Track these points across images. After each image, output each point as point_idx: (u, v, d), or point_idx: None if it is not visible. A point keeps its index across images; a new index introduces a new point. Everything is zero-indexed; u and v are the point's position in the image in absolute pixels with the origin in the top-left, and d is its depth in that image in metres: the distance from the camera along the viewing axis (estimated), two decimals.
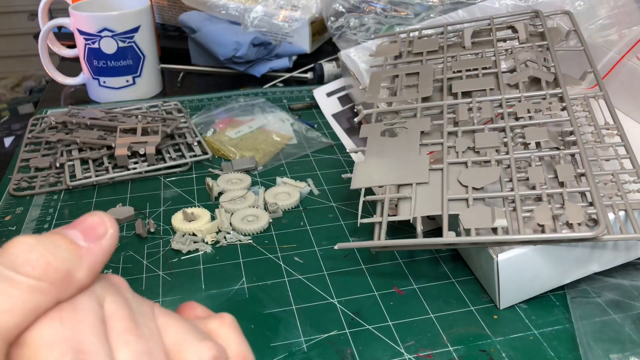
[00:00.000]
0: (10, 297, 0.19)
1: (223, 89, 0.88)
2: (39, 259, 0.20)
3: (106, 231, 0.22)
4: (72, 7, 0.80)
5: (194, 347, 0.22)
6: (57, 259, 0.20)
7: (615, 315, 0.42)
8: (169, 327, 0.23)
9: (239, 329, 0.25)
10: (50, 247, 0.20)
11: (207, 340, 0.23)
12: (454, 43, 0.64)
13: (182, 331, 0.23)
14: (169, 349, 0.22)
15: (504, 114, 0.50)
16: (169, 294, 0.47)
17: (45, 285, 0.19)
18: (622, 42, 0.61)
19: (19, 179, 0.64)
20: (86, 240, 0.21)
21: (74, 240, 0.21)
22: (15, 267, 0.19)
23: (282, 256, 0.51)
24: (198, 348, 0.22)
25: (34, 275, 0.19)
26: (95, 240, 0.22)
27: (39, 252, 0.20)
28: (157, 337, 0.22)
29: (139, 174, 0.64)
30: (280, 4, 0.90)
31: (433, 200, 0.44)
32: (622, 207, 0.42)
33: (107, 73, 0.82)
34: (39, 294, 0.19)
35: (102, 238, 0.22)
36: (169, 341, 0.22)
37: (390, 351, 0.41)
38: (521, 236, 0.39)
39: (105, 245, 0.22)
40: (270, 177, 0.63)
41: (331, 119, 0.76)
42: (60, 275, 0.20)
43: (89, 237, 0.22)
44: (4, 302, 0.19)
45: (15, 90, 2.18)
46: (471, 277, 0.47)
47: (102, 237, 0.22)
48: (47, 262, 0.20)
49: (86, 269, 0.21)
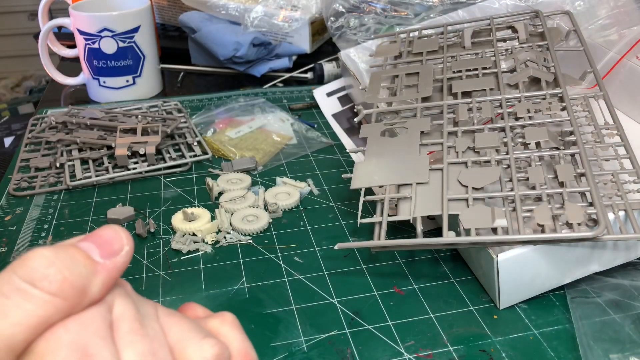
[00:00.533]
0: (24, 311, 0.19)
1: (223, 89, 0.88)
2: (57, 274, 0.20)
3: (122, 247, 0.22)
4: (72, 7, 0.80)
5: (197, 345, 0.22)
6: (74, 275, 0.20)
7: (615, 315, 0.42)
8: (172, 325, 0.23)
9: (240, 327, 0.26)
10: (68, 262, 0.20)
11: (209, 338, 0.23)
12: (454, 43, 0.64)
13: (185, 329, 0.23)
14: (172, 347, 0.22)
15: (504, 114, 0.50)
16: (169, 294, 0.47)
17: (59, 301, 0.20)
18: (622, 42, 0.61)
19: (19, 179, 0.64)
20: (102, 256, 0.21)
21: (91, 254, 0.21)
22: (33, 280, 0.19)
23: (282, 256, 0.51)
24: (201, 345, 0.22)
25: (50, 291, 0.19)
26: (110, 256, 0.22)
27: (57, 267, 0.20)
28: (161, 336, 0.22)
29: (139, 174, 0.64)
30: (280, 4, 0.90)
31: (433, 200, 0.44)
32: (622, 207, 0.42)
33: (107, 73, 0.82)
34: (52, 309, 0.19)
35: (117, 254, 0.22)
36: (172, 339, 0.22)
37: (390, 351, 0.41)
38: (521, 236, 0.39)
39: (120, 262, 0.22)
40: (270, 177, 0.63)
41: (331, 119, 0.76)
42: (75, 292, 0.20)
43: (105, 253, 0.22)
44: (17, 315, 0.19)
45: (15, 90, 2.18)
46: (471, 277, 0.47)
47: (117, 253, 0.22)
48: (64, 278, 0.20)
49: (100, 285, 0.21)
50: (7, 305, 0.19)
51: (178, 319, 0.23)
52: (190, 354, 0.22)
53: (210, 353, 0.22)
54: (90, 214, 0.58)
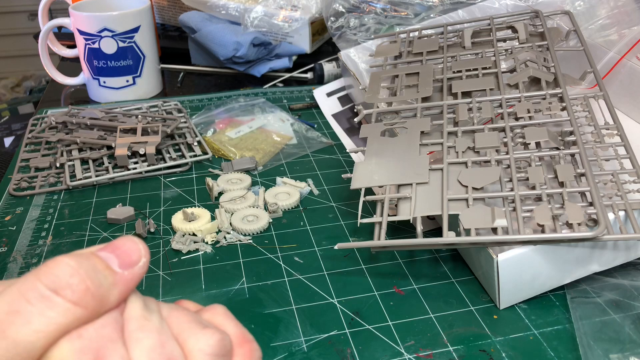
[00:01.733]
0: (46, 319, 0.19)
1: (223, 89, 0.88)
2: (80, 284, 0.20)
3: (140, 259, 0.23)
4: (72, 7, 0.80)
5: (198, 335, 0.23)
6: (95, 285, 0.21)
7: (615, 315, 0.42)
8: (172, 318, 0.24)
9: (232, 316, 0.26)
10: (90, 272, 0.21)
11: (209, 328, 0.24)
12: (454, 43, 0.64)
13: (185, 321, 0.24)
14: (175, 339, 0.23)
15: (504, 114, 0.50)
16: (169, 294, 0.47)
17: (80, 310, 0.20)
18: (622, 42, 0.61)
19: (19, 179, 0.64)
20: (121, 267, 0.22)
21: (110, 265, 0.22)
22: (57, 288, 0.20)
23: (282, 256, 0.51)
24: (203, 334, 0.23)
25: (73, 300, 0.20)
26: (129, 267, 0.22)
27: (80, 276, 0.20)
28: (167, 329, 0.23)
29: (139, 174, 0.64)
30: (280, 4, 0.90)
31: (433, 200, 0.44)
32: (622, 207, 0.42)
33: (107, 73, 0.82)
34: (72, 317, 0.20)
35: (135, 265, 0.22)
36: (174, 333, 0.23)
37: (390, 351, 0.41)
38: (521, 236, 0.39)
39: (138, 273, 0.23)
40: (270, 177, 0.63)
41: (331, 119, 0.76)
42: (95, 302, 0.21)
43: (124, 264, 0.22)
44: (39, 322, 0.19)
45: (15, 90, 2.18)
46: (471, 277, 0.47)
47: (135, 264, 0.22)
48: (87, 288, 0.20)
49: (117, 295, 0.22)
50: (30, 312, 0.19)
51: (178, 311, 0.24)
52: (193, 345, 0.23)
53: (213, 340, 0.23)
54: (90, 214, 0.58)
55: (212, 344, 0.23)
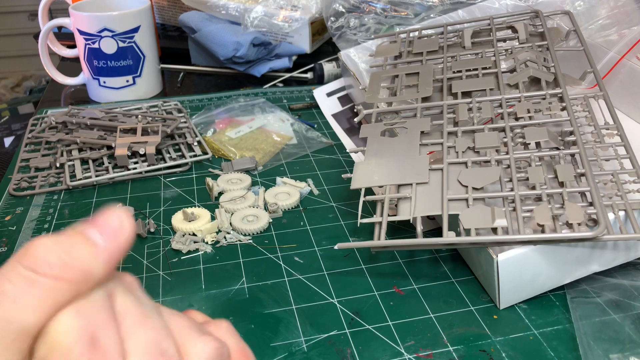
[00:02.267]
0: (32, 296, 0.20)
1: (223, 89, 0.88)
2: (57, 260, 0.21)
3: (121, 226, 0.23)
4: (72, 7, 0.80)
5: (196, 340, 0.23)
6: (74, 258, 0.21)
7: (615, 315, 0.42)
8: (173, 322, 0.24)
9: (236, 332, 0.26)
10: (67, 247, 0.21)
11: (208, 335, 0.24)
12: (454, 43, 0.64)
13: (184, 326, 0.24)
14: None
15: (504, 114, 0.50)
16: (169, 294, 0.47)
17: (63, 284, 0.21)
18: (622, 42, 0.61)
19: (19, 179, 0.64)
20: (102, 236, 0.22)
21: (91, 237, 0.22)
22: (35, 267, 0.20)
23: (282, 256, 0.51)
24: (200, 340, 0.23)
25: (52, 275, 0.21)
26: (111, 237, 0.23)
27: (55, 253, 0.21)
28: (165, 328, 0.23)
29: (139, 174, 0.64)
30: (280, 4, 0.90)
31: (433, 200, 0.44)
32: (622, 207, 0.42)
33: (107, 73, 0.82)
34: (57, 292, 0.21)
35: (117, 234, 0.23)
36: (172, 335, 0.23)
37: (390, 351, 0.41)
38: (521, 236, 0.39)
39: (121, 242, 0.23)
40: (270, 177, 0.63)
41: (331, 119, 0.76)
42: (77, 274, 0.21)
43: (106, 234, 0.22)
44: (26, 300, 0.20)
45: (15, 90, 2.18)
46: (471, 277, 0.47)
47: (117, 234, 0.23)
48: (64, 263, 0.21)
49: (102, 265, 0.22)
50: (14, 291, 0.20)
51: (178, 316, 0.24)
52: (190, 349, 0.23)
53: (210, 347, 0.23)
54: (90, 214, 0.58)
55: (208, 350, 0.23)
